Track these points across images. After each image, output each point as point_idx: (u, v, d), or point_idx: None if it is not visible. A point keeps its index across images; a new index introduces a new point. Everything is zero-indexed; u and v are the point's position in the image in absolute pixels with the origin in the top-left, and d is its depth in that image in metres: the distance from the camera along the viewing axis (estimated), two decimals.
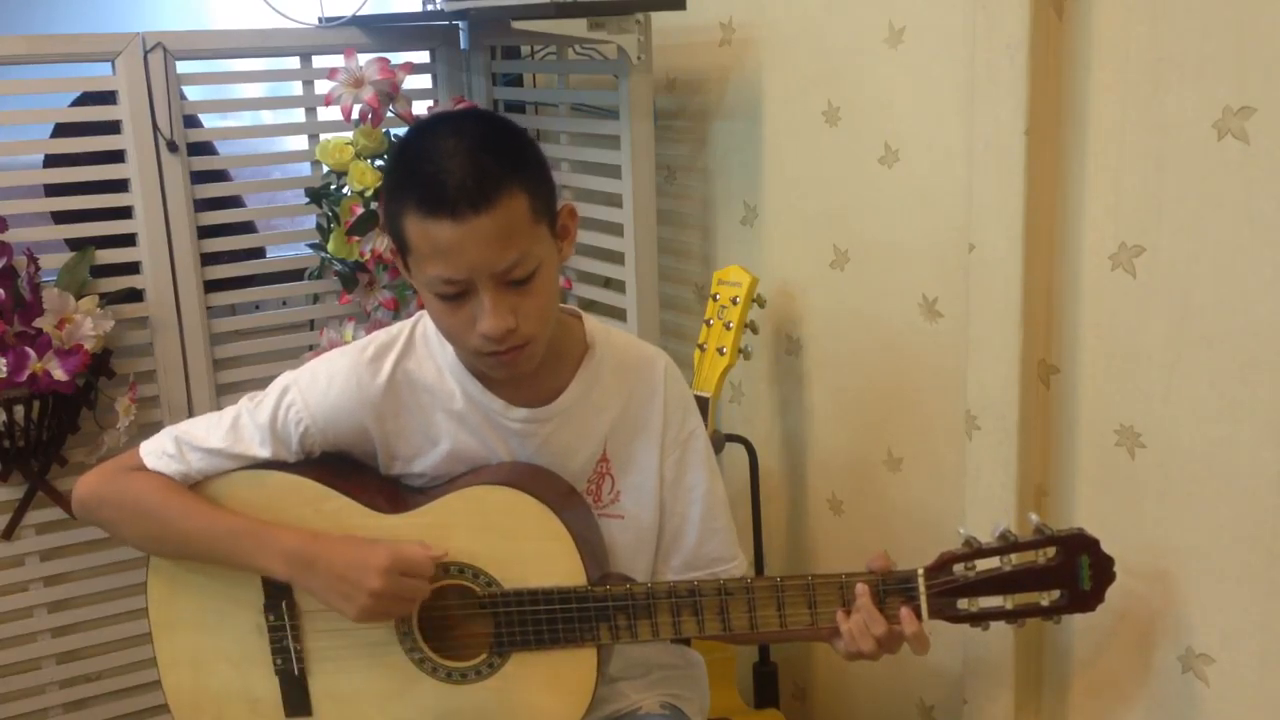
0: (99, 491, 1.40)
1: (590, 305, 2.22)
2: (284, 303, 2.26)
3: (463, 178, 1.20)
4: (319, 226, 2.16)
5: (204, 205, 2.12)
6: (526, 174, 1.25)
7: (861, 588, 1.32)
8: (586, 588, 1.34)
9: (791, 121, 2.02)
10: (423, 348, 1.41)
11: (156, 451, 1.39)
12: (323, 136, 2.16)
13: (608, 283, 2.25)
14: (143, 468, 1.39)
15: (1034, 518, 1.33)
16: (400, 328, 1.43)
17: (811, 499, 2.14)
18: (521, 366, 1.31)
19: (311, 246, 2.20)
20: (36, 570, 2.06)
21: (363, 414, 1.39)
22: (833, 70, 1.91)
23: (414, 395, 1.40)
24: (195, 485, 1.39)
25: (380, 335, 1.43)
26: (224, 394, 2.15)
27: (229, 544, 1.36)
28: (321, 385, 1.39)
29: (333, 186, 2.13)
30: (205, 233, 2.11)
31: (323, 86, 2.10)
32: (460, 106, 2.19)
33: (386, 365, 1.39)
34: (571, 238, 1.35)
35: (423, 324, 1.42)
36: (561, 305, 1.40)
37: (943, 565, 1.32)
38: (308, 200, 2.15)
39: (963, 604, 1.33)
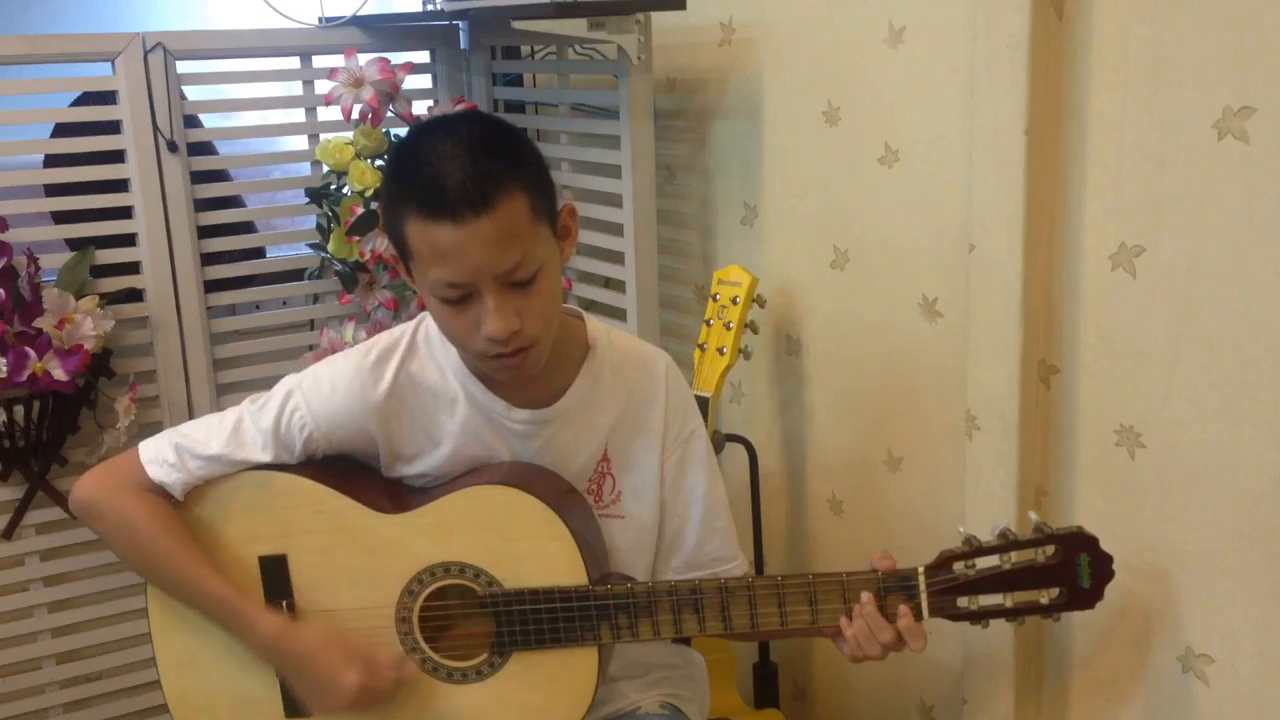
0: (97, 501, 1.39)
1: (590, 305, 2.22)
2: (284, 303, 2.26)
3: (462, 180, 1.20)
4: (319, 226, 2.16)
5: (204, 205, 2.12)
6: (525, 174, 1.25)
7: (867, 596, 1.32)
8: (587, 587, 1.34)
9: (791, 121, 2.02)
10: (425, 349, 1.41)
11: (157, 459, 1.39)
12: (323, 136, 2.16)
13: (608, 283, 2.25)
14: (142, 483, 1.38)
15: (1033, 516, 1.33)
16: (403, 330, 1.43)
17: (811, 499, 2.14)
18: (527, 369, 1.31)
19: (311, 246, 2.20)
20: (36, 570, 2.06)
21: (366, 418, 1.39)
22: (833, 70, 1.91)
23: (417, 397, 1.40)
24: (199, 488, 1.39)
25: (383, 338, 1.43)
26: (224, 394, 2.15)
27: (209, 609, 1.38)
28: (325, 390, 1.39)
29: (333, 186, 2.13)
30: (205, 233, 2.11)
31: (323, 86, 2.10)
32: (459, 108, 2.19)
33: (390, 369, 1.39)
34: (573, 238, 1.35)
35: (425, 325, 1.42)
36: (563, 305, 1.40)
37: (943, 563, 1.33)
38: (308, 200, 2.15)
39: (963, 602, 1.33)
